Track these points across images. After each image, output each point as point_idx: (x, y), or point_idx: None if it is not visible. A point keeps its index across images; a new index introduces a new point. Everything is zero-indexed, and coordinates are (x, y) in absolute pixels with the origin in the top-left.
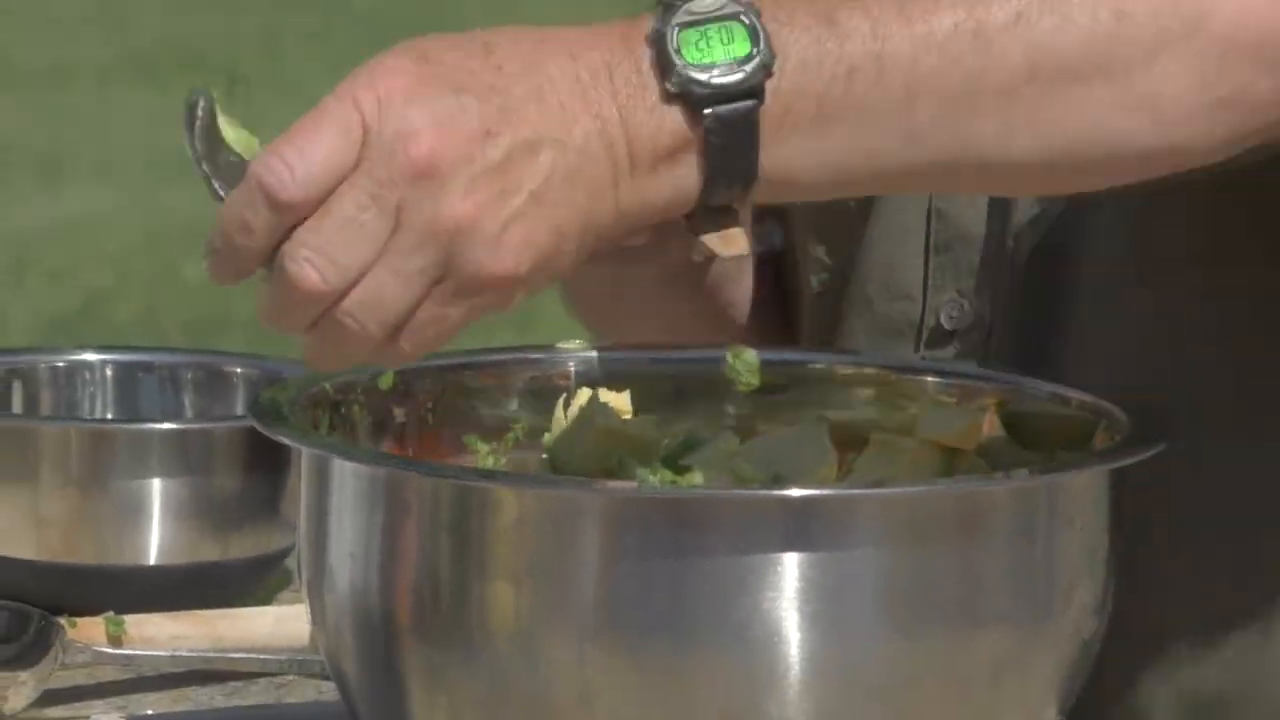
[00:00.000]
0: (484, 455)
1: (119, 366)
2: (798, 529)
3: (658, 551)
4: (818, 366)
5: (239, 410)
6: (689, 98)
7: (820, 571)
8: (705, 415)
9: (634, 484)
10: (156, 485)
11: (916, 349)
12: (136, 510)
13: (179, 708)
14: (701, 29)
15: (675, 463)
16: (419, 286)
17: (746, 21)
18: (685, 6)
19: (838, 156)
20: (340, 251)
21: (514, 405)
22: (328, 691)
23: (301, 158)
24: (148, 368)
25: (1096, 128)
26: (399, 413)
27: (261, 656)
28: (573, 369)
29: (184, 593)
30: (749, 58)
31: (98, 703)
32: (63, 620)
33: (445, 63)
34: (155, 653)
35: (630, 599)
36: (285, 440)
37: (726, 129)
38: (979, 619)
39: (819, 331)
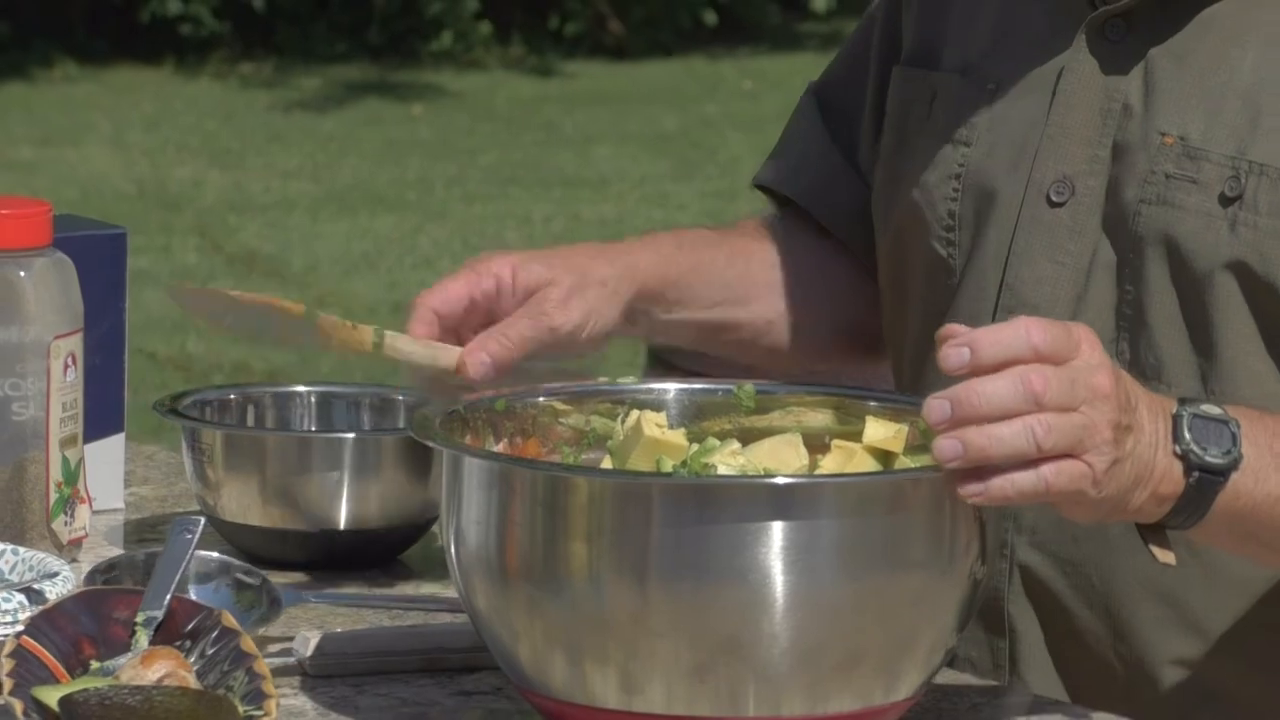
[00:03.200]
0: (566, 455)
1: (319, 394)
2: (783, 505)
3: (687, 520)
4: (794, 394)
5: (401, 424)
6: (1186, 459)
7: (797, 533)
8: (718, 428)
9: (670, 473)
10: (345, 475)
11: None
12: (331, 492)
13: (358, 627)
14: (1205, 422)
15: (699, 460)
16: (1064, 449)
17: (1232, 431)
18: (1202, 406)
19: (1231, 540)
20: (1053, 389)
21: (587, 421)
22: (461, 618)
23: (1051, 341)
24: (339, 396)
25: None
26: (508, 426)
27: (415, 595)
28: (626, 397)
29: (363, 549)
30: (1229, 453)
31: (305, 625)
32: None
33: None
34: (343, 592)
35: (668, 552)
36: (433, 444)
37: (1199, 489)
38: (905, 565)
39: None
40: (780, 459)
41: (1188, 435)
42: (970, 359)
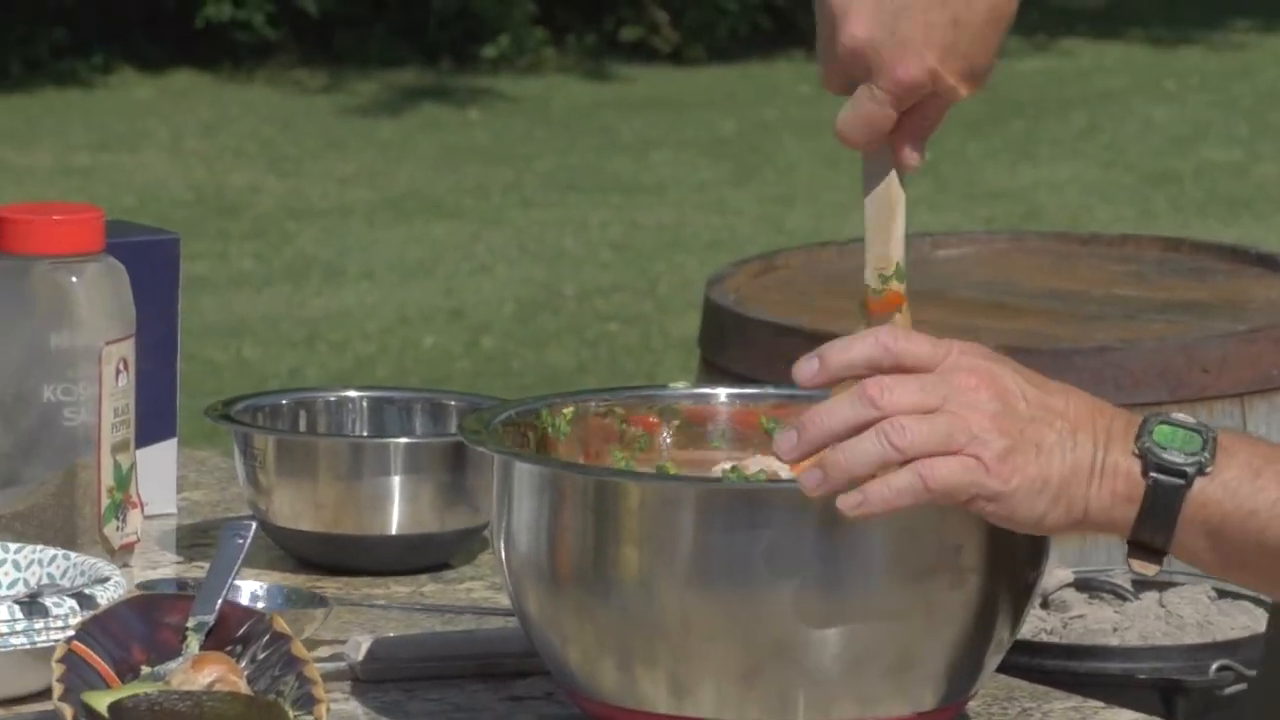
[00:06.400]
0: (618, 460)
1: (371, 400)
2: (831, 509)
3: (736, 525)
4: None
5: (452, 430)
6: (1145, 458)
7: (846, 537)
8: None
9: (719, 479)
10: (396, 480)
11: None
12: (382, 497)
13: (409, 632)
14: (1174, 428)
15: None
16: (932, 446)
17: (1205, 438)
18: (1173, 415)
19: (1214, 558)
20: (896, 394)
21: (638, 429)
22: (512, 623)
23: (911, 346)
24: (391, 401)
25: None
26: (563, 430)
27: (466, 600)
28: (676, 401)
29: (414, 554)
30: (1195, 455)
31: (356, 630)
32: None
33: (1009, 362)
34: (394, 597)
35: (717, 557)
36: (483, 450)
37: (1159, 491)
38: (957, 570)
39: None
40: None
41: (1150, 435)
42: (819, 369)
